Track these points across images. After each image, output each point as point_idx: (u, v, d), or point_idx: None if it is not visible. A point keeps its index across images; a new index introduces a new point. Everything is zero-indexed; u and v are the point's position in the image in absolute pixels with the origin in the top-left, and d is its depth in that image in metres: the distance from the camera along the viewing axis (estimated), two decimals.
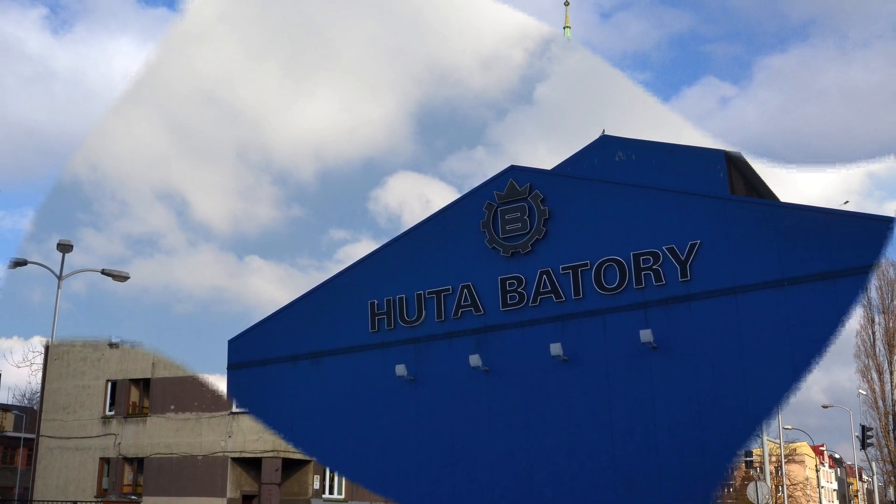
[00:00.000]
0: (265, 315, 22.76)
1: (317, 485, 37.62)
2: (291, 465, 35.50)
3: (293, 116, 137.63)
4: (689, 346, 16.90)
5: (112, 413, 36.31)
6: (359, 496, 37.14)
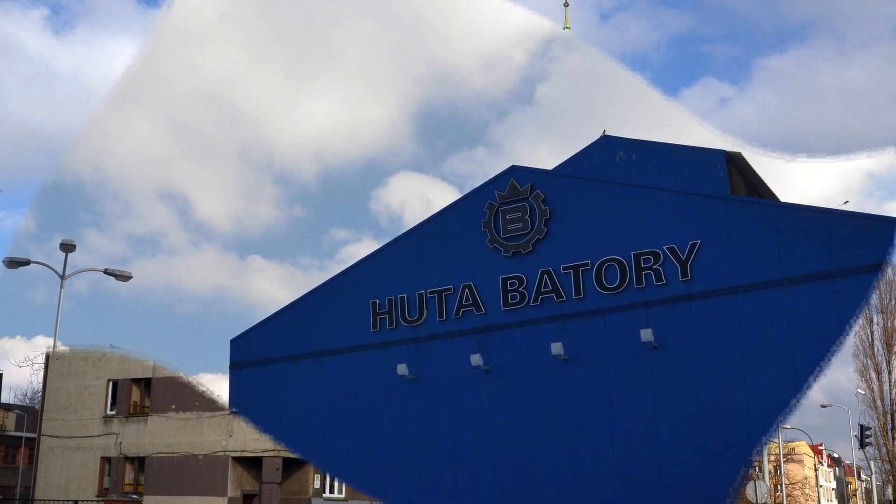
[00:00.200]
0: (267, 315, 22.87)
1: (317, 484, 37.69)
2: (292, 465, 35.53)
3: (295, 117, 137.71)
4: (690, 346, 16.96)
5: (113, 412, 36.36)
6: (359, 495, 37.15)
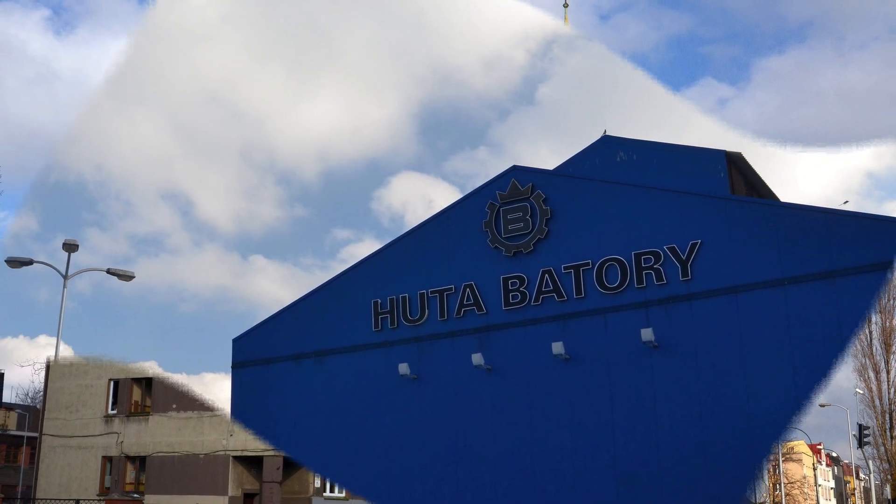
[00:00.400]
0: (269, 314, 22.98)
1: (318, 483, 37.72)
2: (292, 464, 35.54)
3: (297, 117, 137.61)
4: (690, 345, 17.05)
5: (114, 412, 36.40)
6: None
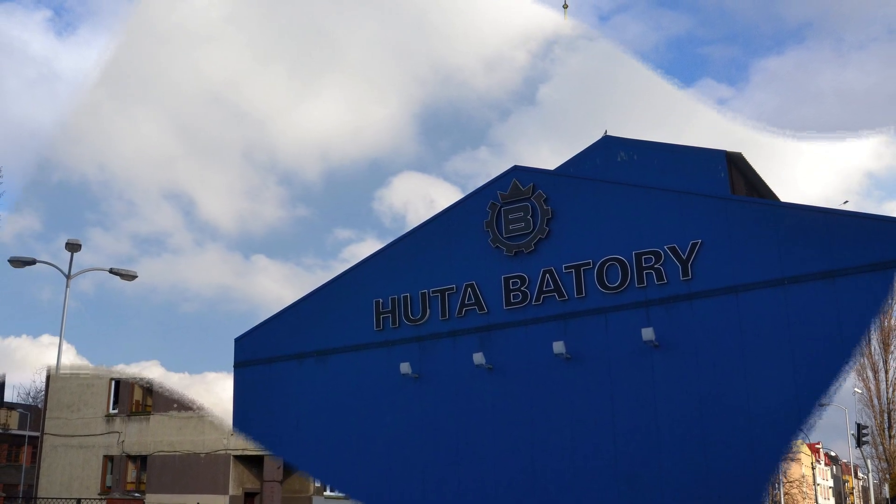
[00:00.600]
0: (271, 314, 23.07)
1: (318, 482, 37.78)
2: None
3: (299, 117, 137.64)
4: (691, 345, 17.13)
5: (116, 411, 36.44)
6: None
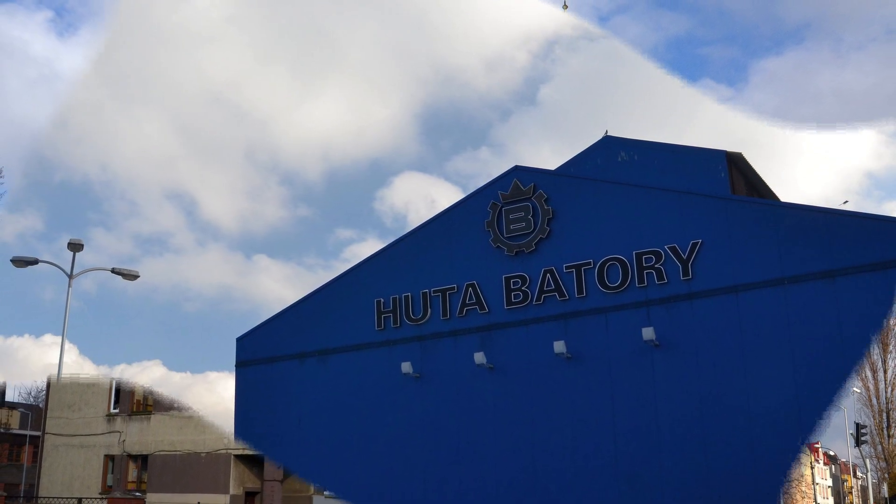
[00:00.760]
0: (273, 313, 23.11)
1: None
2: None
3: (300, 117, 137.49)
4: (691, 344, 17.18)
5: (117, 411, 36.50)
6: None
